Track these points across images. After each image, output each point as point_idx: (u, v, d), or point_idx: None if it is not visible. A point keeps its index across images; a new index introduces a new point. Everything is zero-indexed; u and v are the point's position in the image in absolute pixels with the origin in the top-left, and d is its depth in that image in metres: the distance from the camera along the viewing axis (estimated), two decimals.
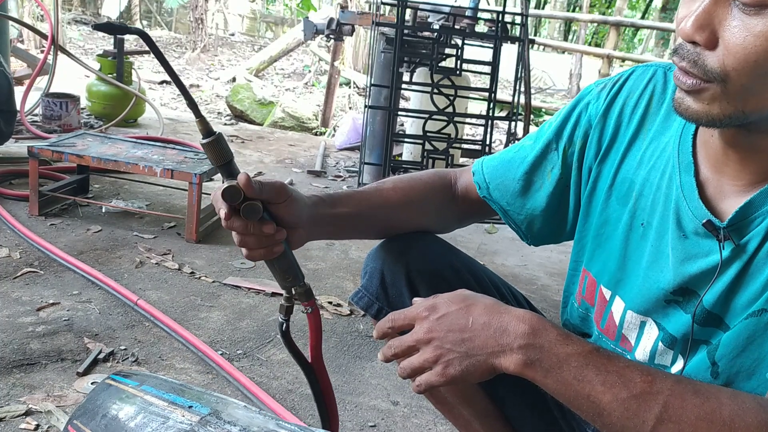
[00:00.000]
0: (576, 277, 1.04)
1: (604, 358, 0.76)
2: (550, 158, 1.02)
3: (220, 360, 1.74)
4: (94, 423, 1.01)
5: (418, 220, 1.09)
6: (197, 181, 2.50)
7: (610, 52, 7.48)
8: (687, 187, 0.86)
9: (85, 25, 11.36)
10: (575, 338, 0.78)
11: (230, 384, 1.69)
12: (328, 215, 0.98)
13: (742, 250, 0.81)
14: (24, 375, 1.61)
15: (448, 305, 0.84)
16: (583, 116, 1.00)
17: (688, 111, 0.76)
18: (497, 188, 1.06)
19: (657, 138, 0.92)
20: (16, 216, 2.55)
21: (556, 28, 16.62)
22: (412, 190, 1.07)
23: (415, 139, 3.69)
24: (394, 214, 1.06)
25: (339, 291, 2.33)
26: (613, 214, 0.96)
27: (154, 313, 1.95)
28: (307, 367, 1.06)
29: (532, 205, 1.04)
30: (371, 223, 1.06)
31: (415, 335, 0.84)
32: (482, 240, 3.16)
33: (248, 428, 0.92)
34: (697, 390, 0.73)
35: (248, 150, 4.28)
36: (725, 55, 0.70)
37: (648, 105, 0.94)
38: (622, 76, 0.99)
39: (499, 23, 3.49)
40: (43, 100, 4.01)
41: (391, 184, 1.07)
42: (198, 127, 0.87)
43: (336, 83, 5.92)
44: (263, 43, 11.99)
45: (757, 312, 0.79)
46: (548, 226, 1.05)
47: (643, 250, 0.92)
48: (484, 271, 1.09)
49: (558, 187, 1.02)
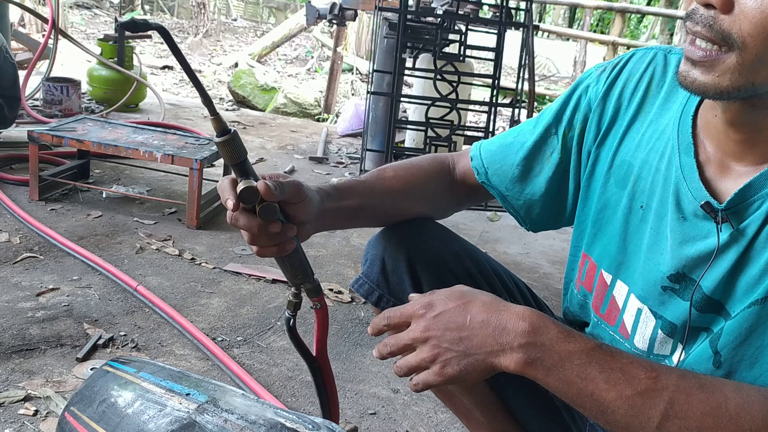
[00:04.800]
0: (576, 263, 1.03)
1: (607, 354, 0.74)
2: (550, 143, 1.01)
3: (215, 348, 1.73)
4: (91, 409, 1.00)
5: (419, 207, 1.08)
6: (198, 167, 2.49)
7: (615, 39, 7.43)
8: (687, 168, 0.84)
9: (87, 9, 11.32)
10: (577, 335, 0.76)
11: (227, 371, 1.68)
12: (334, 209, 0.96)
13: (741, 234, 0.79)
14: (23, 360, 1.61)
15: (445, 302, 0.81)
16: (583, 100, 0.99)
17: (695, 83, 0.74)
18: (495, 173, 1.05)
19: (656, 120, 0.91)
20: (17, 201, 2.55)
21: (561, 15, 16.51)
22: (412, 178, 1.06)
23: (417, 126, 3.67)
24: (396, 203, 1.06)
25: (340, 278, 2.32)
26: (612, 197, 0.95)
27: (152, 299, 1.94)
28: (312, 361, 1.05)
29: (531, 191, 1.03)
30: (374, 212, 1.05)
31: (411, 333, 0.82)
32: (484, 228, 3.14)
33: (246, 416, 0.91)
34: (702, 384, 0.72)
35: (250, 136, 4.26)
36: (741, 20, 0.69)
37: (648, 87, 0.93)
38: (622, 59, 0.97)
39: (503, 9, 3.45)
40: (44, 84, 3.99)
41: (392, 172, 1.06)
42: (213, 125, 0.82)
43: (339, 69, 5.89)
44: (266, 28, 11.93)
45: (760, 300, 0.78)
46: (547, 212, 1.05)
47: (643, 232, 0.91)
48: (485, 258, 1.08)
49: (557, 172, 1.01)
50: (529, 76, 3.67)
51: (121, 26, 0.92)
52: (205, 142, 2.80)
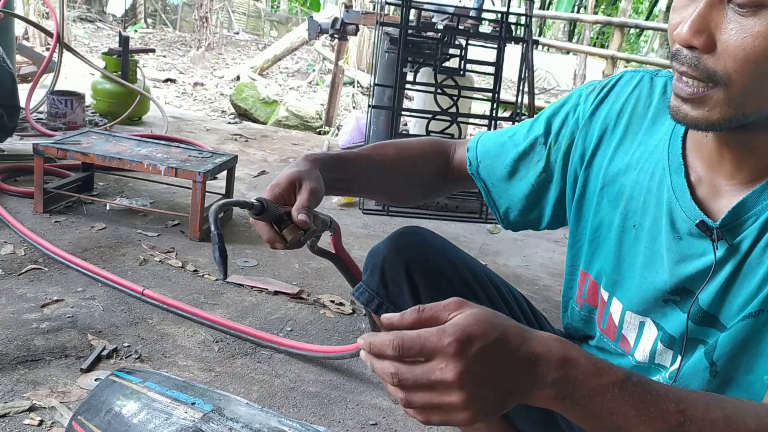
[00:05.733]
0: (574, 281, 1.05)
1: (638, 386, 0.68)
2: (538, 151, 1.05)
3: (243, 327, 1.92)
4: (98, 419, 1.02)
5: (409, 186, 1.16)
6: (201, 180, 2.51)
7: (614, 53, 7.47)
8: (678, 188, 0.87)
9: (91, 23, 11.40)
10: (607, 366, 0.68)
11: (234, 380, 1.70)
12: (331, 178, 1.01)
13: (736, 250, 0.82)
14: (28, 371, 1.62)
15: (484, 338, 0.65)
16: (571, 117, 1.02)
17: (687, 118, 0.77)
18: (486, 168, 1.11)
19: (645, 141, 0.94)
20: (21, 213, 2.57)
21: (561, 29, 16.61)
22: (409, 158, 1.12)
23: None
24: (389, 179, 1.12)
25: (341, 290, 2.34)
26: (605, 217, 0.97)
27: (162, 299, 2.00)
28: (335, 257, 1.16)
29: (514, 192, 1.08)
30: (368, 185, 1.12)
31: (442, 375, 0.64)
32: (485, 240, 3.17)
33: (250, 425, 0.93)
34: (727, 416, 0.69)
35: (252, 149, 4.30)
36: (725, 58, 0.71)
37: (634, 109, 0.96)
38: (611, 81, 1.01)
39: (503, 24, 3.49)
40: (49, 97, 4.03)
41: (392, 150, 1.12)
42: (248, 211, 0.88)
43: (340, 82, 5.93)
44: (267, 41, 12.00)
45: (754, 313, 0.80)
46: (525, 214, 1.10)
47: (637, 251, 0.93)
48: (483, 270, 1.10)
49: (540, 180, 1.06)
50: (528, 89, 3.71)
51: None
52: (208, 155, 2.83)
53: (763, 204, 0.80)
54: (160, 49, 10.03)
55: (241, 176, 3.50)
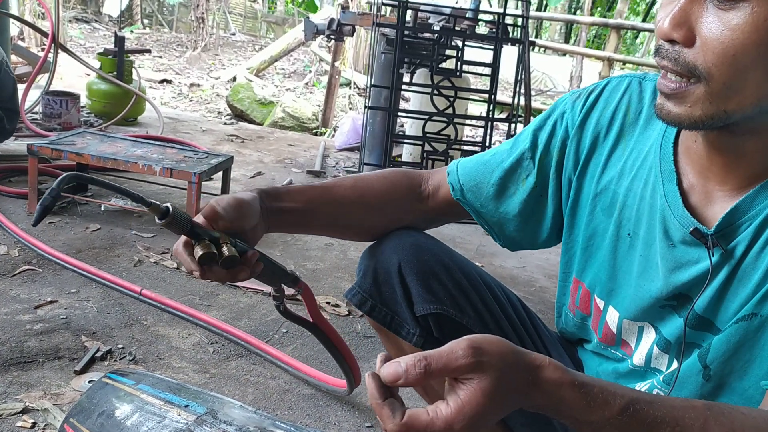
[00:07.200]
0: (567, 288, 1.05)
1: (634, 420, 0.66)
2: (526, 166, 1.03)
3: (238, 332, 1.89)
4: (90, 421, 1.01)
5: (375, 219, 1.08)
6: (196, 180, 2.50)
7: (610, 54, 7.48)
8: (671, 196, 0.86)
9: (86, 23, 11.38)
10: (601, 397, 0.65)
11: (228, 382, 1.69)
12: (275, 209, 0.98)
13: (730, 255, 0.81)
14: (21, 373, 1.61)
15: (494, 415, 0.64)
16: (559, 126, 1.01)
17: (670, 115, 0.77)
18: (471, 190, 1.07)
19: (637, 147, 0.93)
20: (15, 214, 2.56)
21: (558, 30, 16.64)
22: (370, 190, 1.07)
23: (414, 140, 3.70)
24: (345, 213, 1.06)
25: (337, 291, 2.33)
26: (599, 225, 0.96)
27: (160, 299, 2.00)
28: (311, 326, 1.14)
29: (505, 209, 1.06)
30: (328, 220, 1.06)
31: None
32: (481, 241, 3.16)
33: (244, 427, 0.92)
34: None
35: (248, 150, 4.29)
36: (704, 52, 0.71)
37: (625, 115, 0.95)
38: (597, 87, 1.00)
39: (499, 25, 3.49)
40: (43, 98, 4.01)
41: (350, 182, 1.07)
42: (151, 213, 0.82)
43: (336, 83, 5.92)
44: (264, 42, 12.00)
45: (747, 316, 0.80)
46: (521, 231, 1.07)
47: (632, 260, 0.92)
48: (477, 271, 1.10)
49: (532, 195, 1.03)
50: (525, 91, 3.71)
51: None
52: (204, 155, 2.82)
53: (757, 208, 0.80)
54: (157, 50, 10.02)
55: (237, 177, 3.49)
